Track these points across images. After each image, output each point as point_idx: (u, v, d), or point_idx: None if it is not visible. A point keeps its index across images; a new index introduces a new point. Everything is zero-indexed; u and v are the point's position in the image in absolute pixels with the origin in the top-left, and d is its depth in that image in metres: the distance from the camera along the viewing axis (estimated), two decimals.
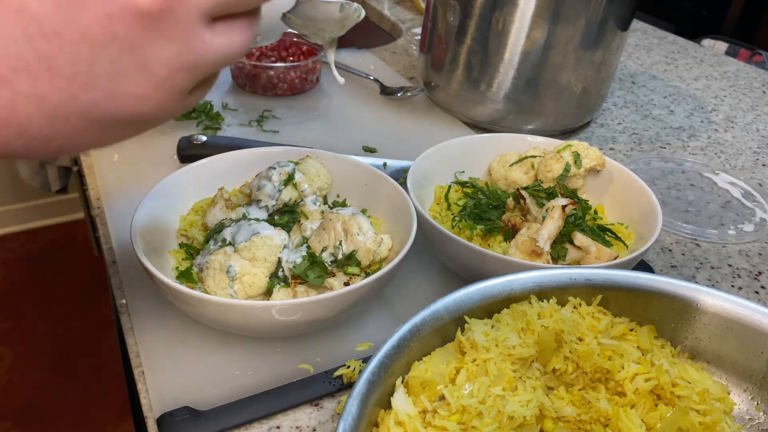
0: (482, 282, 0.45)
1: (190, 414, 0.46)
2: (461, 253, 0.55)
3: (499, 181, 0.69)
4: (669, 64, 1.25)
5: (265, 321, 0.48)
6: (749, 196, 0.82)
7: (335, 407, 0.49)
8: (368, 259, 0.55)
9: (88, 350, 1.89)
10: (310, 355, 0.52)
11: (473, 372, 0.41)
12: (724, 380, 0.46)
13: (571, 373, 0.43)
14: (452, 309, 0.43)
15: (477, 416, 0.38)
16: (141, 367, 0.51)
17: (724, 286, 0.66)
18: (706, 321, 0.45)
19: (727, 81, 1.20)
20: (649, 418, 0.41)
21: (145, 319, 0.55)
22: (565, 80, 0.85)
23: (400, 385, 0.40)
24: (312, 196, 0.61)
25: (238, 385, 0.50)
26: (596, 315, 0.45)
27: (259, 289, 0.53)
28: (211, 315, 0.48)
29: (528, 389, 0.40)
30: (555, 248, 0.57)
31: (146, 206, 0.55)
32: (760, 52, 1.58)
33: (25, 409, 1.72)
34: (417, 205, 0.57)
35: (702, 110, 1.07)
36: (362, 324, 0.56)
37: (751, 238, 0.74)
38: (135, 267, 0.60)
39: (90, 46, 0.26)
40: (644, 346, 0.44)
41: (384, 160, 0.77)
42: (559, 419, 0.42)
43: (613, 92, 1.10)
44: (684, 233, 0.74)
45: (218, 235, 0.56)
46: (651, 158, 0.89)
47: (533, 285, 0.46)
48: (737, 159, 0.92)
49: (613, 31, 0.84)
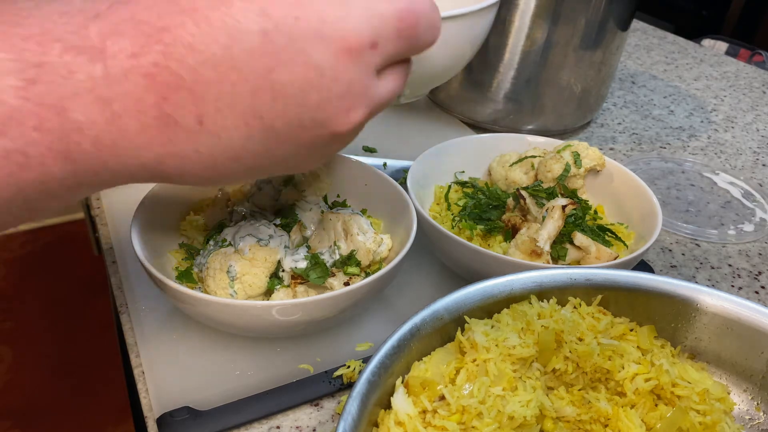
0: (482, 282, 0.45)
1: (190, 414, 0.46)
2: (461, 253, 0.55)
3: (499, 181, 0.69)
4: (669, 64, 1.25)
5: (265, 321, 0.48)
6: (749, 196, 0.82)
7: (335, 407, 0.49)
8: (368, 259, 0.55)
9: (88, 350, 1.89)
10: (310, 355, 0.52)
11: (473, 372, 0.41)
12: (724, 380, 0.46)
13: (571, 373, 0.43)
14: (452, 309, 0.43)
15: (477, 416, 0.38)
16: (141, 367, 0.51)
17: (724, 286, 0.66)
18: (706, 321, 0.45)
19: (727, 81, 1.20)
20: (649, 418, 0.41)
21: (145, 319, 0.55)
22: (565, 80, 0.85)
23: (400, 385, 0.40)
24: (312, 196, 0.61)
25: (238, 385, 0.50)
26: (596, 315, 0.45)
27: (259, 289, 0.53)
28: (211, 315, 0.48)
29: (528, 389, 0.40)
30: (555, 248, 0.57)
31: (146, 206, 0.55)
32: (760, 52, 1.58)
33: (25, 409, 1.72)
34: (417, 205, 0.57)
35: (702, 110, 1.07)
36: (362, 324, 0.56)
37: (751, 238, 0.74)
38: (135, 267, 0.59)
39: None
40: (644, 346, 0.44)
41: (384, 160, 0.77)
42: (559, 419, 0.42)
43: (613, 92, 1.10)
44: (684, 233, 0.74)
45: (218, 235, 0.56)
46: (651, 158, 0.89)
47: (533, 285, 0.46)
48: (737, 159, 0.92)
49: (613, 31, 0.84)
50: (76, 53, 0.25)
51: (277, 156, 0.31)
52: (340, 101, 0.29)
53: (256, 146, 0.30)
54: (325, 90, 0.29)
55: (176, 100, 0.27)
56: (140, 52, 0.26)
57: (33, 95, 0.25)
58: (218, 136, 0.28)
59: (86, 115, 0.26)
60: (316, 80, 0.28)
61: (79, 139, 0.26)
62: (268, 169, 0.33)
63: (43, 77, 0.25)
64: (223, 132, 0.28)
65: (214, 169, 0.30)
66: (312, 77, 0.28)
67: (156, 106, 0.27)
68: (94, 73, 0.25)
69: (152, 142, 0.27)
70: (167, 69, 0.26)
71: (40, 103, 0.25)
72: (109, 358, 1.82)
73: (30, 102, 0.25)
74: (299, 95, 0.28)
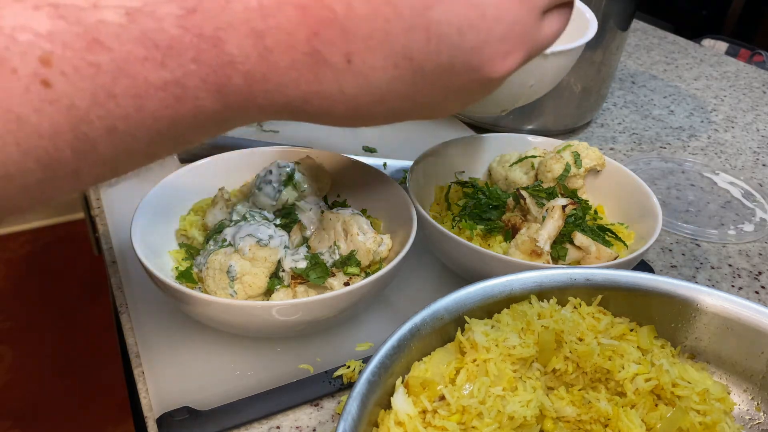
0: (482, 282, 0.45)
1: (190, 414, 0.46)
2: (461, 253, 0.55)
3: (499, 181, 0.69)
4: (669, 64, 1.25)
5: (265, 321, 0.48)
6: (749, 196, 0.82)
7: (335, 407, 0.49)
8: (368, 259, 0.55)
9: (88, 350, 1.89)
10: (310, 355, 0.52)
11: (473, 372, 0.41)
12: (724, 380, 0.46)
13: (571, 373, 0.43)
14: (452, 309, 0.43)
15: (477, 416, 0.38)
16: (141, 367, 0.51)
17: (724, 286, 0.66)
18: (706, 321, 0.45)
19: (727, 81, 1.19)
20: (649, 419, 0.41)
21: (145, 319, 0.55)
22: (565, 80, 0.85)
23: (400, 385, 0.40)
24: (312, 196, 0.61)
25: (238, 385, 0.50)
26: (596, 315, 0.45)
27: (259, 289, 0.53)
28: (211, 315, 0.48)
29: (528, 389, 0.40)
30: (555, 248, 0.57)
31: (146, 206, 0.55)
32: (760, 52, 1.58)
33: (25, 409, 1.72)
34: (417, 205, 0.57)
35: (702, 110, 1.07)
36: (362, 324, 0.56)
37: (751, 238, 0.74)
38: (135, 267, 0.59)
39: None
40: (644, 346, 0.44)
41: (384, 160, 0.77)
42: (559, 419, 0.42)
43: (613, 92, 1.10)
44: (684, 233, 0.74)
45: (218, 235, 0.56)
46: (651, 158, 0.89)
47: (533, 285, 0.46)
48: (737, 159, 0.92)
49: (613, 31, 0.83)
50: None
51: (420, 101, 0.30)
52: (499, 44, 0.28)
53: (401, 89, 0.28)
54: (485, 31, 0.27)
55: (327, 35, 0.26)
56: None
57: (192, 25, 0.24)
58: (365, 76, 0.27)
59: (240, 48, 0.25)
60: (477, 20, 0.27)
61: (231, 72, 0.25)
62: (408, 113, 0.31)
63: (202, 6, 0.24)
64: (371, 72, 0.27)
65: (356, 110, 0.29)
66: (472, 16, 0.27)
67: (306, 42, 0.26)
68: (250, 4, 0.25)
69: (300, 79, 0.27)
70: (320, 1, 0.25)
71: (198, 34, 0.24)
72: (109, 358, 1.82)
73: (189, 32, 0.24)
74: (455, 35, 0.27)
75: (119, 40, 0.23)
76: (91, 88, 0.23)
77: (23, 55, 0.21)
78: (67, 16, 0.22)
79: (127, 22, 0.23)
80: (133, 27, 0.23)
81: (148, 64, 0.23)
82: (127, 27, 0.23)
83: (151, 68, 0.23)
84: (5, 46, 0.21)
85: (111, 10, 0.23)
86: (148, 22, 0.23)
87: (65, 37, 0.22)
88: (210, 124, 0.27)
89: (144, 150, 0.26)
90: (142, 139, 0.25)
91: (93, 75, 0.23)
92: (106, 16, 0.22)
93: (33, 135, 0.22)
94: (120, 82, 0.23)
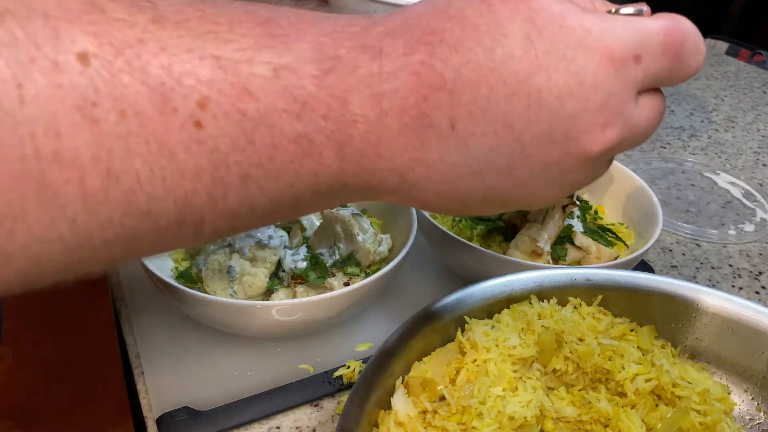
0: (482, 282, 0.45)
1: (190, 414, 0.46)
2: (461, 253, 0.55)
3: None
4: None
5: (265, 321, 0.47)
6: (750, 196, 0.82)
7: (335, 407, 0.49)
8: (368, 259, 0.55)
9: (88, 350, 1.89)
10: (310, 355, 0.52)
11: (473, 372, 0.41)
12: (724, 380, 0.45)
13: (571, 374, 0.43)
14: (452, 309, 0.43)
15: (477, 417, 0.38)
16: (141, 367, 0.51)
17: (724, 287, 0.66)
18: (707, 321, 0.45)
19: (728, 81, 1.19)
20: (650, 419, 0.41)
21: (145, 319, 0.55)
22: None
23: (400, 385, 0.40)
24: None
25: (238, 385, 0.49)
26: (596, 315, 0.45)
27: (259, 289, 0.53)
28: (211, 315, 0.48)
29: (528, 390, 0.40)
30: (555, 248, 0.57)
31: None
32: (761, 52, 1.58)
33: (25, 409, 1.72)
34: None
35: (702, 110, 1.07)
36: (362, 324, 0.56)
37: (752, 238, 0.74)
38: (135, 267, 0.59)
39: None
40: (644, 346, 0.44)
41: None
42: (559, 419, 0.42)
43: None
44: (684, 233, 0.74)
45: None
46: (651, 158, 0.89)
47: (533, 285, 0.46)
48: (738, 159, 0.92)
49: None
50: (362, 51, 0.27)
51: (516, 178, 0.30)
52: (597, 114, 0.28)
53: (499, 162, 0.29)
54: (583, 99, 0.28)
55: (435, 100, 0.27)
56: (410, 52, 0.27)
57: (326, 85, 0.26)
58: (465, 142, 0.28)
59: (362, 108, 0.27)
60: (576, 88, 0.27)
61: (353, 132, 0.27)
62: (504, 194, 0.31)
63: (336, 69, 0.26)
64: (471, 139, 0.28)
65: (454, 182, 0.29)
66: (571, 84, 0.27)
67: (416, 106, 0.27)
68: (373, 69, 0.27)
69: (407, 144, 0.28)
70: (432, 68, 0.27)
71: (330, 94, 0.26)
72: (109, 358, 1.82)
73: (323, 91, 0.26)
74: (555, 102, 0.27)
75: (264, 91, 0.25)
76: (235, 133, 0.25)
77: (185, 98, 0.23)
78: (226, 67, 0.24)
79: (273, 76, 0.25)
80: (277, 81, 0.25)
81: (285, 115, 0.25)
82: (273, 80, 0.25)
83: (287, 120, 0.25)
84: (171, 87, 0.23)
85: (262, 65, 0.25)
86: (290, 78, 0.25)
87: (221, 85, 0.24)
88: (325, 188, 0.28)
89: (265, 207, 0.27)
90: (268, 193, 0.27)
91: (239, 121, 0.24)
92: (257, 69, 0.25)
93: (178, 173, 0.24)
94: (259, 130, 0.25)
